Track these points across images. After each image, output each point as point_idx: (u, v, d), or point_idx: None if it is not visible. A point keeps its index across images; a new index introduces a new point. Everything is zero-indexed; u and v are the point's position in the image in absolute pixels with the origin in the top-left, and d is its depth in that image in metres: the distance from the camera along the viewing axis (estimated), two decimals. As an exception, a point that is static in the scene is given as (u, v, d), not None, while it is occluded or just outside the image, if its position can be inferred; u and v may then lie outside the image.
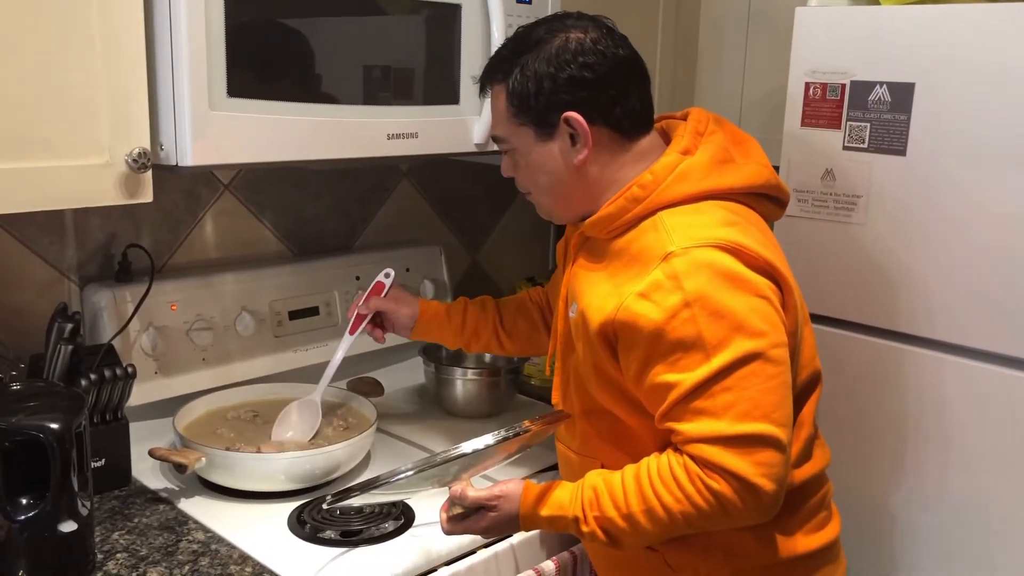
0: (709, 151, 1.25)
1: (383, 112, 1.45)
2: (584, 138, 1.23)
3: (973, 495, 1.54)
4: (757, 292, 1.14)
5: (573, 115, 1.22)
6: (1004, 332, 1.47)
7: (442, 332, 1.57)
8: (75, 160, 1.18)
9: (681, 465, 1.13)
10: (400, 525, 1.35)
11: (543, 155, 1.26)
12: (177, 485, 1.45)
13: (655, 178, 1.22)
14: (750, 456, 1.10)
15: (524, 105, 1.24)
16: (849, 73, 1.57)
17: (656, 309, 1.13)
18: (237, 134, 1.28)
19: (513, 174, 1.33)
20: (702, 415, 1.12)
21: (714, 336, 1.11)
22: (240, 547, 1.28)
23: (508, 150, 1.30)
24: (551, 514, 1.19)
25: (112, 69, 1.18)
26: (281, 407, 1.61)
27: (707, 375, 1.11)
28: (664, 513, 1.13)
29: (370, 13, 1.44)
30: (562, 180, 1.27)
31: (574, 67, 1.21)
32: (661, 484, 1.14)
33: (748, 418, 1.11)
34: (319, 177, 1.90)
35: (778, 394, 1.13)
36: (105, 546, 1.26)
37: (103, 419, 1.41)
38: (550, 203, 1.32)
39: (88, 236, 1.60)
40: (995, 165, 1.44)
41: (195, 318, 1.63)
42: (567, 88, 1.21)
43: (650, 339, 1.14)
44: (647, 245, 1.19)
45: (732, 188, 1.24)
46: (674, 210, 1.21)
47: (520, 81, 1.23)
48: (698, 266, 1.13)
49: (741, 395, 1.11)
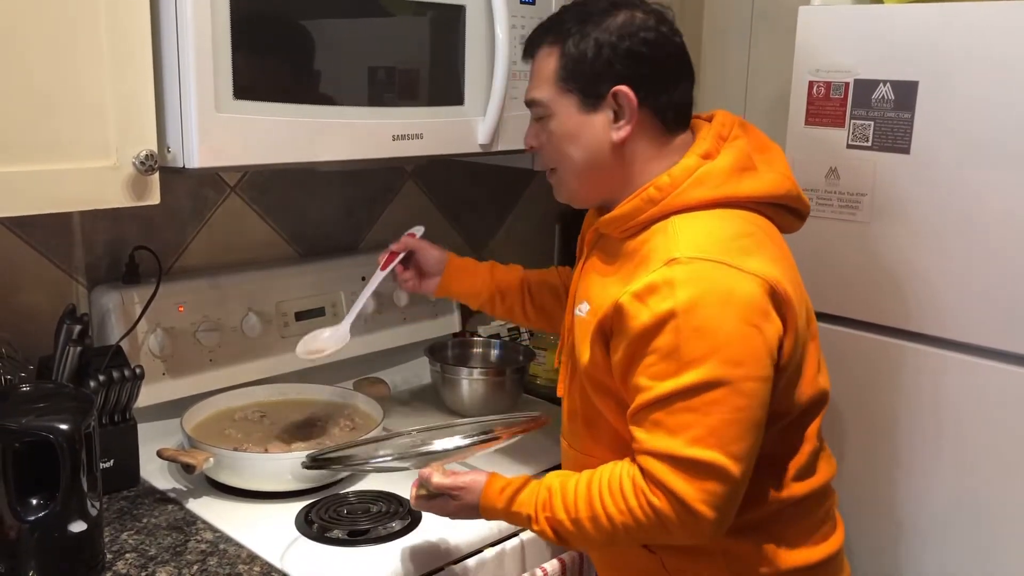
0: (730, 157, 1.22)
1: (388, 113, 1.45)
2: (630, 115, 1.20)
3: (976, 491, 1.54)
4: (748, 319, 1.11)
5: (624, 89, 1.19)
6: (1009, 329, 1.47)
7: (472, 282, 1.56)
8: (83, 163, 1.18)
9: (630, 478, 1.14)
10: (407, 524, 1.36)
11: (583, 126, 1.23)
12: (185, 485, 1.46)
13: (672, 181, 1.20)
14: (695, 482, 1.09)
15: (577, 70, 1.21)
16: (853, 72, 1.57)
17: (646, 311, 1.12)
18: (243, 136, 1.29)
19: (538, 145, 1.29)
20: (659, 428, 1.12)
21: (690, 353, 1.10)
22: (248, 547, 1.29)
23: (543, 116, 1.26)
24: (508, 509, 1.20)
25: (119, 72, 1.19)
26: (288, 408, 1.62)
27: (673, 389, 1.10)
28: (607, 522, 1.14)
29: (375, 15, 1.44)
30: (595, 155, 1.23)
31: (635, 41, 1.19)
32: (608, 494, 1.15)
33: (702, 444, 1.09)
34: (324, 178, 1.91)
35: (740, 427, 1.10)
36: (114, 546, 1.27)
37: (112, 420, 1.42)
38: (574, 181, 1.27)
39: (96, 238, 1.61)
40: (999, 163, 1.44)
41: (202, 319, 1.64)
42: (625, 60, 1.19)
43: (634, 339, 1.14)
44: (655, 248, 1.18)
45: (750, 196, 1.21)
46: (688, 215, 1.19)
47: (579, 44, 1.20)
48: (696, 278, 1.12)
49: (701, 419, 1.09)
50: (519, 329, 2.11)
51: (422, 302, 1.95)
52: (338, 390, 1.68)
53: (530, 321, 1.60)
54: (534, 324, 1.62)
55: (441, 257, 1.56)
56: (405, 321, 1.93)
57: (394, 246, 1.55)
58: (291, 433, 1.54)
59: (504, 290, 1.57)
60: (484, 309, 1.61)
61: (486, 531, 1.38)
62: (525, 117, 1.67)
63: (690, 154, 1.23)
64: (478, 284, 1.56)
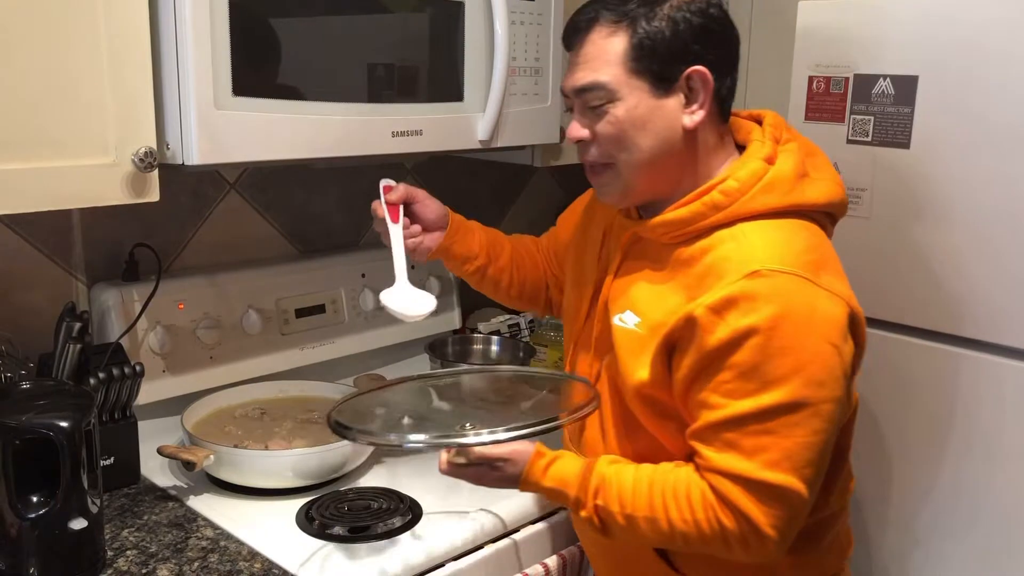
0: (791, 162, 1.17)
1: (388, 110, 1.45)
2: (703, 98, 1.14)
3: (974, 484, 1.54)
4: (828, 338, 1.07)
5: (701, 69, 1.13)
6: (1009, 323, 1.47)
7: (471, 243, 1.45)
8: (82, 160, 1.18)
9: (699, 490, 1.10)
10: (408, 521, 1.35)
11: (654, 112, 1.14)
12: (186, 482, 1.46)
13: (741, 186, 1.13)
14: (767, 506, 1.07)
15: (652, 52, 1.12)
16: (852, 66, 1.57)
17: (724, 327, 1.07)
18: (243, 133, 1.29)
19: (589, 135, 1.19)
20: (732, 448, 1.08)
21: (772, 372, 1.05)
22: (249, 543, 1.29)
23: (601, 103, 1.15)
24: (552, 487, 1.17)
25: (118, 69, 1.19)
26: (289, 405, 1.62)
27: (751, 410, 1.06)
28: (667, 527, 1.12)
29: (374, 11, 1.44)
30: (666, 144, 1.15)
31: (708, 18, 1.13)
32: (673, 500, 1.11)
33: (778, 468, 1.06)
34: (324, 175, 1.90)
35: (815, 451, 1.07)
36: (115, 543, 1.27)
37: (112, 417, 1.42)
38: (636, 175, 1.18)
39: (95, 235, 1.61)
40: (999, 157, 1.43)
41: (202, 316, 1.64)
42: (701, 39, 1.13)
43: (707, 354, 1.08)
44: (725, 257, 1.11)
45: (813, 205, 1.17)
46: (757, 223, 1.13)
47: (651, 22, 1.12)
48: (780, 293, 1.06)
49: (778, 442, 1.06)
50: (519, 325, 2.11)
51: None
52: (338, 387, 1.68)
53: (511, 287, 1.51)
54: (510, 295, 1.53)
55: (442, 210, 1.44)
56: (405, 318, 1.93)
57: (391, 196, 1.40)
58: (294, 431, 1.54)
59: (497, 248, 1.49)
60: (471, 278, 1.49)
61: (488, 527, 1.38)
62: (525, 112, 1.68)
63: (752, 157, 1.17)
64: (475, 246, 1.46)
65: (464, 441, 1.13)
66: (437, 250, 1.44)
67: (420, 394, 1.37)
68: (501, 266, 1.49)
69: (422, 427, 1.24)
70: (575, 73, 1.18)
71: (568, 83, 1.19)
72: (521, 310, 1.59)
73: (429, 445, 1.18)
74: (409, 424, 1.25)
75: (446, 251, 1.44)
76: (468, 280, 1.51)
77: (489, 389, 1.40)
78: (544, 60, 1.66)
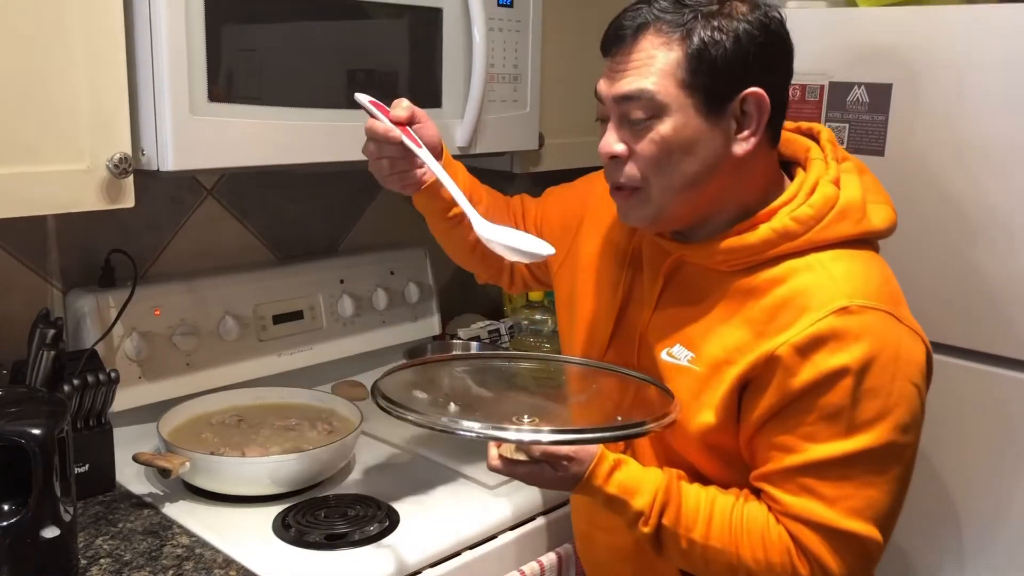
0: (856, 184, 1.09)
1: (366, 116, 1.44)
2: (757, 125, 1.04)
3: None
4: (912, 378, 1.01)
5: (759, 92, 1.02)
6: (982, 331, 1.48)
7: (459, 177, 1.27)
8: (56, 165, 1.18)
9: (777, 534, 1.04)
10: (385, 528, 1.35)
11: (702, 134, 1.03)
12: (162, 490, 1.45)
13: (816, 212, 1.04)
14: (847, 555, 1.01)
15: (711, 66, 1.01)
16: (828, 74, 1.58)
17: (809, 368, 0.99)
18: (219, 138, 1.28)
19: (626, 152, 1.07)
20: (810, 494, 1.01)
21: (860, 416, 0.98)
22: (225, 551, 1.28)
23: (647, 118, 1.04)
24: (615, 495, 1.07)
25: (93, 74, 1.18)
26: (266, 412, 1.61)
27: (834, 455, 0.99)
28: (735, 562, 1.05)
29: (352, 17, 1.44)
30: (709, 171, 1.05)
31: (771, 36, 1.03)
32: (746, 538, 1.05)
33: (860, 517, 1.00)
34: (303, 181, 1.90)
35: (896, 500, 1.02)
36: (89, 551, 1.26)
37: (87, 424, 1.41)
38: (671, 199, 1.07)
39: (71, 241, 1.60)
40: (972, 165, 1.45)
41: (179, 323, 1.63)
42: (762, 58, 1.02)
43: (790, 395, 1.01)
44: (803, 290, 1.02)
45: (879, 232, 1.09)
46: (832, 253, 1.05)
47: (714, 36, 1.01)
48: (870, 330, 0.99)
49: (861, 489, 1.00)
50: (499, 331, 2.11)
51: (401, 304, 1.95)
52: (316, 393, 1.67)
53: (476, 257, 1.36)
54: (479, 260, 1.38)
55: (438, 135, 1.26)
56: (384, 324, 1.93)
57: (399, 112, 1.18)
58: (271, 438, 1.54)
59: (475, 203, 1.27)
60: (445, 224, 1.32)
61: (466, 534, 1.37)
62: (504, 119, 1.68)
63: (822, 180, 1.08)
64: (462, 175, 1.31)
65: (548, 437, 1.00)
66: (430, 185, 1.25)
67: (455, 377, 1.27)
68: (484, 208, 1.33)
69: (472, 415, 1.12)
70: (619, 78, 1.05)
71: (610, 88, 1.06)
72: (482, 278, 1.47)
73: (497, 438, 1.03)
74: (456, 411, 1.13)
75: (438, 189, 1.24)
76: (439, 229, 1.35)
77: (533, 377, 1.29)
78: (523, 66, 1.66)
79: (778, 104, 1.06)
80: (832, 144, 1.14)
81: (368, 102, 1.20)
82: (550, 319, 2.06)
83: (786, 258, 1.05)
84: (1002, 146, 1.41)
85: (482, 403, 1.21)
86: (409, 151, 1.18)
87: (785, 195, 1.08)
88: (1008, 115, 1.40)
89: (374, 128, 1.17)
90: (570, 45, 1.79)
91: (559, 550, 1.46)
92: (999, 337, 1.46)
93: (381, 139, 1.17)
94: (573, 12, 1.81)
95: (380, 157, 1.20)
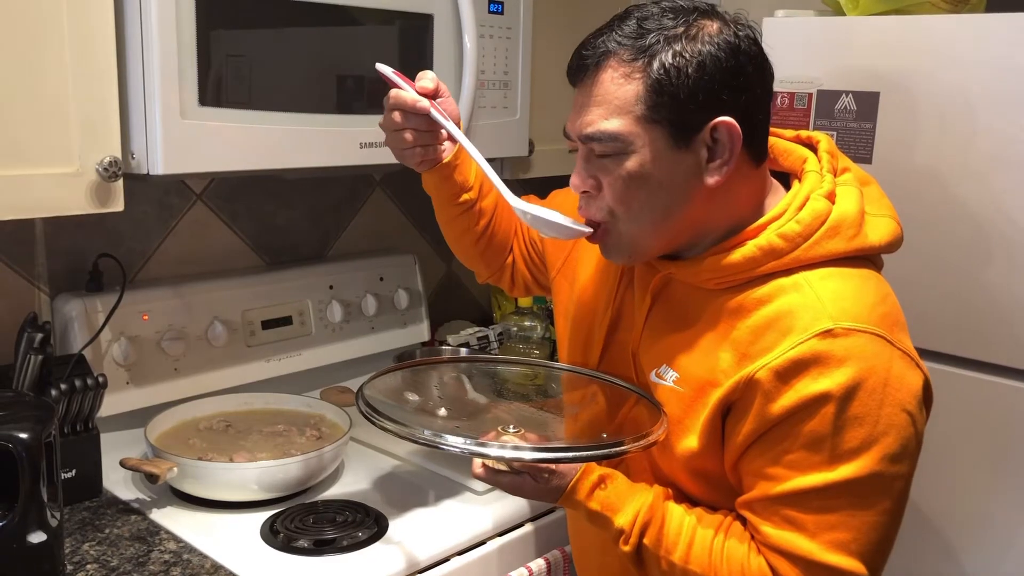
0: (854, 199, 1.04)
1: (356, 121, 1.45)
2: (729, 154, 0.98)
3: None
4: (902, 404, 0.96)
5: (728, 121, 0.97)
6: (972, 337, 1.49)
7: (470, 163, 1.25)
8: (45, 169, 1.17)
9: (758, 568, 1.00)
10: (373, 534, 1.35)
11: (670, 167, 0.99)
12: (149, 495, 1.44)
13: (804, 229, 1.00)
14: None
15: (673, 97, 0.96)
16: (816, 82, 1.59)
17: (790, 393, 0.95)
18: (208, 143, 1.28)
19: (592, 188, 1.03)
20: (792, 525, 0.97)
21: (844, 444, 0.94)
22: (212, 557, 1.27)
23: (610, 154, 1.00)
24: (597, 510, 1.05)
25: (83, 77, 1.18)
26: (254, 417, 1.60)
27: (816, 485, 0.95)
28: None
29: (343, 23, 1.44)
30: (679, 203, 1.01)
31: (741, 57, 0.97)
32: (726, 567, 1.01)
33: (844, 550, 0.95)
34: (292, 186, 1.90)
35: (885, 533, 0.97)
36: (75, 557, 1.25)
37: (74, 430, 1.40)
38: (646, 235, 1.03)
39: (59, 245, 1.59)
40: (959, 174, 1.46)
41: (167, 328, 1.62)
42: (731, 83, 0.97)
43: (769, 421, 0.97)
44: (788, 311, 0.98)
45: (876, 248, 1.04)
46: (821, 272, 1.00)
47: (674, 61, 0.96)
48: (855, 354, 0.95)
49: (846, 521, 0.95)
50: (488, 338, 2.11)
51: (391, 310, 1.95)
52: (305, 399, 1.67)
53: (478, 250, 1.34)
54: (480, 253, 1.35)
55: (457, 112, 1.21)
56: (373, 330, 1.93)
57: (426, 83, 1.14)
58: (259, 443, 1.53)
59: (484, 192, 1.28)
60: (453, 211, 1.29)
61: (455, 540, 1.37)
62: (494, 126, 1.68)
63: (814, 194, 1.03)
64: (471, 174, 1.26)
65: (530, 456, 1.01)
66: (446, 164, 1.21)
67: (454, 379, 1.26)
68: (484, 206, 1.29)
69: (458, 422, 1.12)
70: (582, 116, 1.02)
71: (573, 127, 1.04)
72: (483, 277, 1.44)
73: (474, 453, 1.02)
74: (445, 417, 1.12)
75: (453, 170, 1.21)
76: (446, 215, 1.31)
77: (527, 384, 1.28)
78: (513, 73, 1.67)
79: (756, 125, 1.02)
80: (831, 154, 1.10)
81: (392, 73, 1.16)
82: (539, 325, 2.06)
83: (775, 276, 1.01)
84: (989, 154, 1.42)
85: (472, 408, 1.21)
86: (433, 123, 1.15)
87: (775, 210, 1.04)
88: (996, 123, 1.41)
89: (402, 98, 1.14)
90: (560, 52, 1.77)
91: (547, 556, 1.46)
92: (986, 344, 1.47)
93: (409, 109, 1.13)
94: (563, 19, 1.82)
95: (404, 128, 1.15)
